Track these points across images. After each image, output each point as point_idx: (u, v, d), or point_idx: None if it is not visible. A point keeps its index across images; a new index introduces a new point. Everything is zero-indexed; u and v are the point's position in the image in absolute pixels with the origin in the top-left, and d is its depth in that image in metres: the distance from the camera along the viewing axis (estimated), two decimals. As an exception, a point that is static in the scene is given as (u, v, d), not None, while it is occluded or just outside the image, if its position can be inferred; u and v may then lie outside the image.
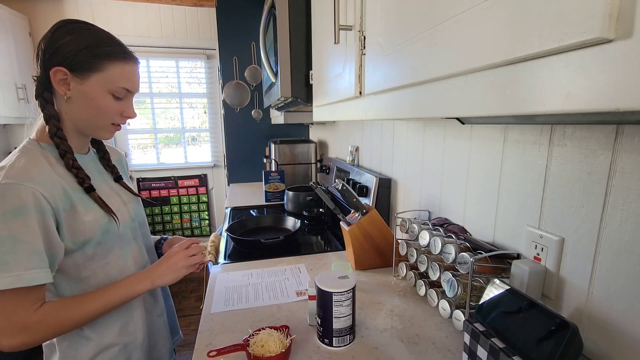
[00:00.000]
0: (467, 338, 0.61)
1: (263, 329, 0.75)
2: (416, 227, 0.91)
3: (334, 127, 2.21)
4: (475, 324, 0.60)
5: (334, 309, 0.71)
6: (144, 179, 3.10)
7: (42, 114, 0.70)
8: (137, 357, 0.81)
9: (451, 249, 0.75)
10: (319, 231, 1.58)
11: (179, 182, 3.18)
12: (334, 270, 0.83)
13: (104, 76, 0.69)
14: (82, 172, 0.71)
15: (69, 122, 0.72)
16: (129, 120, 0.78)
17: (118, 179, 0.85)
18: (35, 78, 0.69)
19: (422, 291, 0.90)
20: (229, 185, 2.72)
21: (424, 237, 0.85)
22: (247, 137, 2.70)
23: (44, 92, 0.69)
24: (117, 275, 0.76)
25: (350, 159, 1.79)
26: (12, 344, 0.61)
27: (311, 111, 1.67)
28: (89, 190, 0.71)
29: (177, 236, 1.02)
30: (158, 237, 1.02)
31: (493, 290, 0.61)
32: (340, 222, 1.14)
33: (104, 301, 0.70)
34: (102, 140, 0.84)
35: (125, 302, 0.74)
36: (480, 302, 0.62)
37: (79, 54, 0.66)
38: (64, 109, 0.70)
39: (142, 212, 0.91)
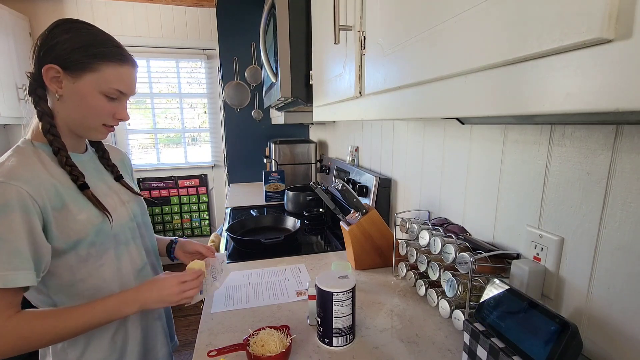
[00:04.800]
0: (466, 338, 0.61)
1: (263, 328, 0.75)
2: (416, 227, 0.91)
3: (334, 127, 2.21)
4: (475, 324, 0.60)
5: (334, 308, 0.71)
6: (144, 179, 3.10)
7: (35, 112, 0.70)
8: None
9: (451, 249, 0.75)
10: (319, 231, 1.58)
11: (179, 182, 3.18)
12: (334, 270, 0.83)
13: (97, 77, 0.68)
14: (76, 169, 0.70)
15: (61, 120, 0.71)
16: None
17: (118, 177, 0.83)
18: (29, 74, 0.68)
19: (422, 291, 0.90)
20: (229, 185, 2.72)
21: (424, 237, 0.85)
22: (247, 137, 2.70)
23: (38, 89, 0.68)
24: (112, 278, 0.74)
25: (350, 159, 1.79)
26: None
27: (311, 111, 1.67)
28: (83, 187, 0.70)
29: (189, 240, 0.97)
30: (168, 238, 0.99)
31: (493, 290, 0.61)
32: (340, 222, 1.14)
33: (86, 320, 0.65)
34: (101, 142, 0.84)
35: (109, 323, 0.69)
36: (480, 302, 0.62)
37: (73, 52, 0.66)
38: (57, 107, 0.69)
39: (144, 212, 0.89)
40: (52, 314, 0.64)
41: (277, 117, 2.24)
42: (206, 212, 3.29)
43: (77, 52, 0.66)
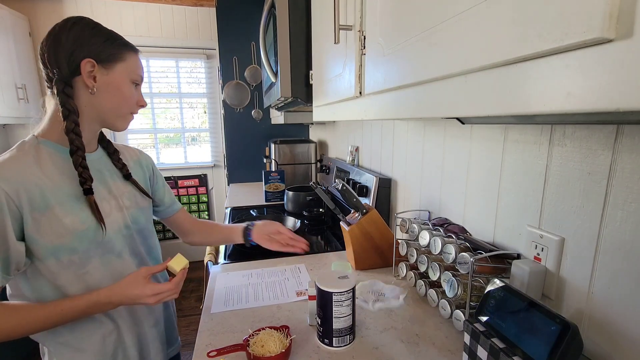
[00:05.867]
0: (467, 338, 0.61)
1: (263, 329, 0.75)
2: (416, 227, 0.91)
3: (334, 127, 2.21)
4: (475, 324, 0.60)
5: (334, 309, 0.71)
6: (144, 179, 3.10)
7: (48, 111, 0.71)
8: None
9: (451, 249, 0.75)
10: (319, 231, 1.58)
11: (179, 182, 3.18)
12: (334, 270, 0.83)
13: (126, 65, 0.72)
14: (87, 172, 0.69)
15: (87, 117, 0.71)
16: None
17: (127, 176, 0.81)
18: (53, 75, 0.67)
19: (422, 291, 0.90)
20: (229, 185, 2.72)
21: (424, 237, 0.85)
22: (247, 137, 2.70)
23: (65, 88, 0.67)
24: (97, 286, 0.71)
25: (350, 159, 1.79)
26: None
27: (311, 111, 1.67)
28: (87, 192, 0.69)
29: (266, 222, 1.03)
30: (241, 224, 1.03)
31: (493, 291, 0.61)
32: (340, 222, 1.13)
33: (55, 319, 0.65)
34: (112, 142, 0.84)
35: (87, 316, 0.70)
36: (480, 302, 0.62)
37: (104, 45, 0.69)
38: (86, 102, 0.70)
39: (146, 217, 0.85)
40: (22, 309, 0.64)
41: (277, 117, 2.24)
42: (206, 212, 3.29)
43: (107, 45, 0.69)
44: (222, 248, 1.33)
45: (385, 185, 1.35)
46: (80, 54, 0.67)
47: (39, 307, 0.65)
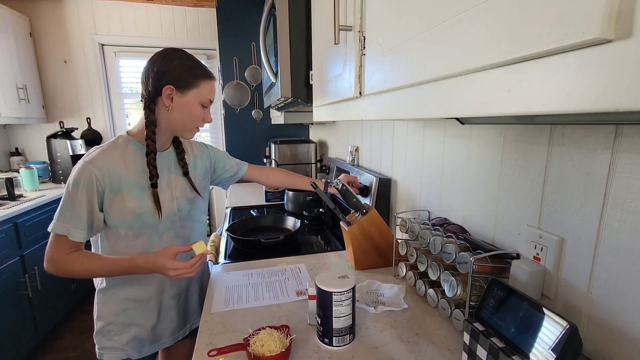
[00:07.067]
0: (466, 337, 0.61)
1: (263, 328, 0.75)
2: (416, 227, 0.91)
3: (334, 127, 2.21)
4: (474, 324, 0.60)
5: (334, 308, 0.71)
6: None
7: (140, 118, 0.91)
8: (146, 334, 0.98)
9: (451, 249, 0.75)
10: (319, 231, 1.58)
11: (179, 182, 3.18)
12: (334, 270, 0.83)
13: (197, 91, 0.89)
14: (155, 170, 0.89)
15: (163, 127, 0.91)
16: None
17: (185, 173, 1.00)
18: (145, 93, 0.87)
19: (421, 291, 0.90)
20: (229, 185, 2.72)
21: (424, 237, 0.85)
22: (247, 137, 2.70)
23: (151, 104, 0.87)
24: (139, 254, 0.89)
25: (350, 159, 1.79)
26: (46, 268, 0.84)
27: (311, 111, 1.67)
28: (153, 186, 0.89)
29: (344, 174, 1.33)
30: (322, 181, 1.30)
31: (493, 290, 0.61)
32: (340, 222, 1.14)
33: (110, 270, 0.86)
34: (182, 141, 1.03)
35: (127, 274, 0.89)
36: (479, 302, 0.62)
37: (183, 74, 0.86)
38: (163, 116, 0.89)
39: (194, 207, 1.02)
40: (91, 259, 0.86)
41: (277, 117, 2.25)
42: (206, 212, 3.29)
43: (185, 74, 0.86)
44: (222, 248, 1.34)
45: (385, 185, 1.36)
46: (164, 80, 0.85)
47: (104, 260, 0.86)
